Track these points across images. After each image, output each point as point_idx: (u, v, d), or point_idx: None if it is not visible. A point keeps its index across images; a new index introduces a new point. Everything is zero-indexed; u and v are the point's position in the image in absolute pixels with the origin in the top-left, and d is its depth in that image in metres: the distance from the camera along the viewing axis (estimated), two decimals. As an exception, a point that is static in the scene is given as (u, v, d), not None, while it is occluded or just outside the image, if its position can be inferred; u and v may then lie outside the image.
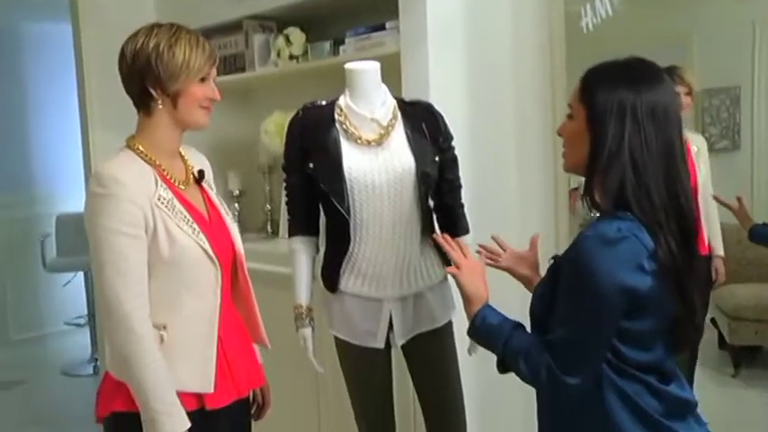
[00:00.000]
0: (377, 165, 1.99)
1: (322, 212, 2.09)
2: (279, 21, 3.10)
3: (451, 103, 2.35)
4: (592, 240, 1.30)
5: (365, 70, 2.03)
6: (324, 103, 2.07)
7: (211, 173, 1.78)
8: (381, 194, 1.99)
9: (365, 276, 2.03)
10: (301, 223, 2.12)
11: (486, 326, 1.49)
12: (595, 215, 1.41)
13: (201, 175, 1.70)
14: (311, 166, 2.01)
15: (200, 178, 1.70)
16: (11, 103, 5.17)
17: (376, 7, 2.62)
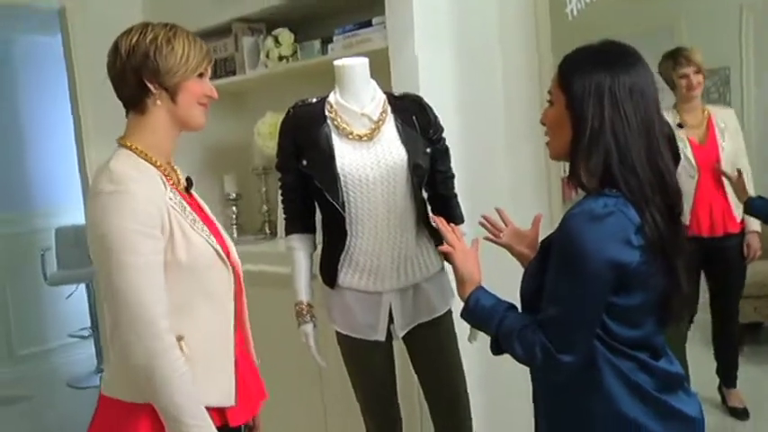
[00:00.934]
0: (369, 159, 2.01)
1: (318, 209, 2.11)
2: (267, 22, 3.12)
3: (441, 96, 2.36)
4: (579, 217, 1.32)
5: (354, 66, 2.05)
6: (314, 101, 2.08)
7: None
8: (375, 188, 2.00)
9: (363, 270, 2.05)
10: (298, 221, 2.14)
11: (480, 307, 1.50)
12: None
13: (190, 182, 1.61)
14: (304, 163, 2.02)
15: (188, 186, 1.60)
16: (5, 117, 5.13)
17: (363, 4, 2.64)
